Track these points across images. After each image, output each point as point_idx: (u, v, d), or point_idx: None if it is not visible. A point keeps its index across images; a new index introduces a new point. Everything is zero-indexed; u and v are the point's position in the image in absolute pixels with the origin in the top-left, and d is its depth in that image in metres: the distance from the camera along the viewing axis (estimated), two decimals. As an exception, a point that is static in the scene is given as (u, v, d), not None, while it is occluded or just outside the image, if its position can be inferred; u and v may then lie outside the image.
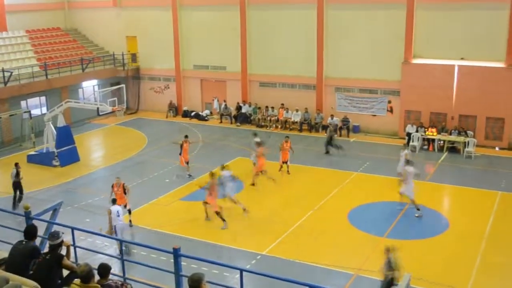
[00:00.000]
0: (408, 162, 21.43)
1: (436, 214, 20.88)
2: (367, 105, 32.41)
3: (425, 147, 29.33)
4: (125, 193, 19.37)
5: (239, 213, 21.03)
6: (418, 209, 20.47)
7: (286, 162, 25.34)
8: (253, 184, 23.94)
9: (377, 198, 22.09)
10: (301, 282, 8.39)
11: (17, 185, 22.22)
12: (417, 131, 29.74)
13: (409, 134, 29.82)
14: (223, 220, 19.68)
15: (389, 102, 31.75)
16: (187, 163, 25.08)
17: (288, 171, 25.32)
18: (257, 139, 25.51)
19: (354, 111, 32.78)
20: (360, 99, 32.61)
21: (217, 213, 19.77)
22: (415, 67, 30.42)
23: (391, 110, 31.80)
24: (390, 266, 13.63)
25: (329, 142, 28.82)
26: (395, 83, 31.14)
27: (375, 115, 32.29)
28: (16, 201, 22.14)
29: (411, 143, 29.16)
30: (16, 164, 22.61)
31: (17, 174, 22.25)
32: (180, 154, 24.99)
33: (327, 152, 28.68)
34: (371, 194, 22.58)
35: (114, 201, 17.95)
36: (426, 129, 29.65)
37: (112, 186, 19.48)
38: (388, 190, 22.74)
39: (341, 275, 16.10)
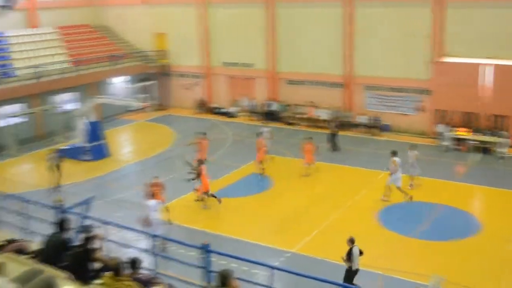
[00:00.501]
0: (394, 153, 21.76)
1: (467, 215, 20.56)
2: (397, 104, 32.08)
3: (457, 147, 28.89)
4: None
5: (268, 210, 21.04)
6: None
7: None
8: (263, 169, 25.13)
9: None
10: (330, 280, 8.36)
11: (58, 168, 23.88)
12: (448, 130, 29.30)
13: (440, 134, 29.42)
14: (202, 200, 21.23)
15: (420, 101, 31.37)
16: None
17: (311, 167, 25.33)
18: (264, 129, 26.33)
19: (385, 110, 32.49)
20: (390, 97, 32.27)
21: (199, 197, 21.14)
22: (446, 66, 29.95)
23: (422, 109, 31.41)
24: (350, 257, 14.13)
25: (332, 138, 28.81)
26: (426, 82, 30.73)
27: (405, 114, 31.95)
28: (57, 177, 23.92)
29: (442, 143, 28.78)
30: (55, 151, 24.64)
31: (56, 159, 23.88)
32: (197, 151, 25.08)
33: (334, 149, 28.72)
34: (401, 193, 22.32)
35: (151, 196, 17.99)
36: (457, 129, 29.20)
37: (149, 185, 19.25)
38: (419, 189, 22.51)
39: (370, 275, 15.92)
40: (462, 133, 28.89)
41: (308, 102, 34.31)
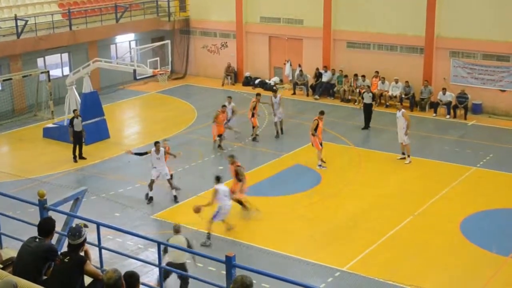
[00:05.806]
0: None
1: None
2: (494, 77, 31.56)
3: None
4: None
5: (313, 215, 21.03)
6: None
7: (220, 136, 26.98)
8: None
9: (503, 204, 21.54)
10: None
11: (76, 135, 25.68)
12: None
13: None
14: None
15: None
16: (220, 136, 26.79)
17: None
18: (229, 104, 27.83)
19: (475, 84, 32.01)
20: (484, 68, 31.78)
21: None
22: None
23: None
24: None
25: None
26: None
27: (504, 91, 31.46)
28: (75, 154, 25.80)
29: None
30: (74, 111, 26.16)
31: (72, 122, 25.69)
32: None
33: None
34: (494, 197, 22.07)
35: (218, 179, 19.12)
36: None
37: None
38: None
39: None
40: None
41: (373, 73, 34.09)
